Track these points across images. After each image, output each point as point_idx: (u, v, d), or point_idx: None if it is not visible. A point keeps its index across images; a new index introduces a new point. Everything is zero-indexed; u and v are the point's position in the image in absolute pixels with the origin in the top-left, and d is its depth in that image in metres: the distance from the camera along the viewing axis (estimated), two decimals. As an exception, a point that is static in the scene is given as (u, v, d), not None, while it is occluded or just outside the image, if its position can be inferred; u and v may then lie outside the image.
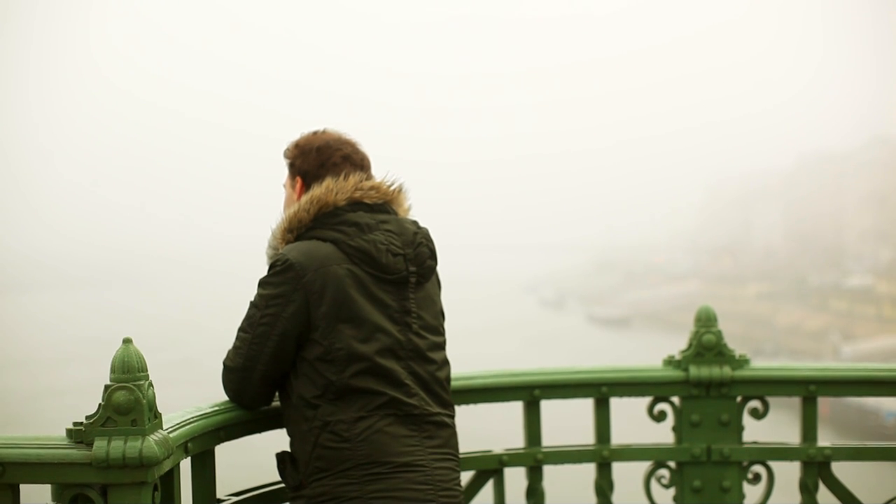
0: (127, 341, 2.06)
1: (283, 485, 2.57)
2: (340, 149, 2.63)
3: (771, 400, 2.97)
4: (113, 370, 2.02)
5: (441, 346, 2.57)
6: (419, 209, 2.68)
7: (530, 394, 2.90)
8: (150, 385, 2.06)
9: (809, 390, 2.93)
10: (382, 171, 2.65)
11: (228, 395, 2.53)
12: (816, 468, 2.93)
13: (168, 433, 2.11)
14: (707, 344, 2.93)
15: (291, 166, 2.68)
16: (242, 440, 2.58)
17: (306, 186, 2.62)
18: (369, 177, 2.63)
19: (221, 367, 2.52)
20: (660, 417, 2.95)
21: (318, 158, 2.62)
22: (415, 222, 2.61)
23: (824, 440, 2.97)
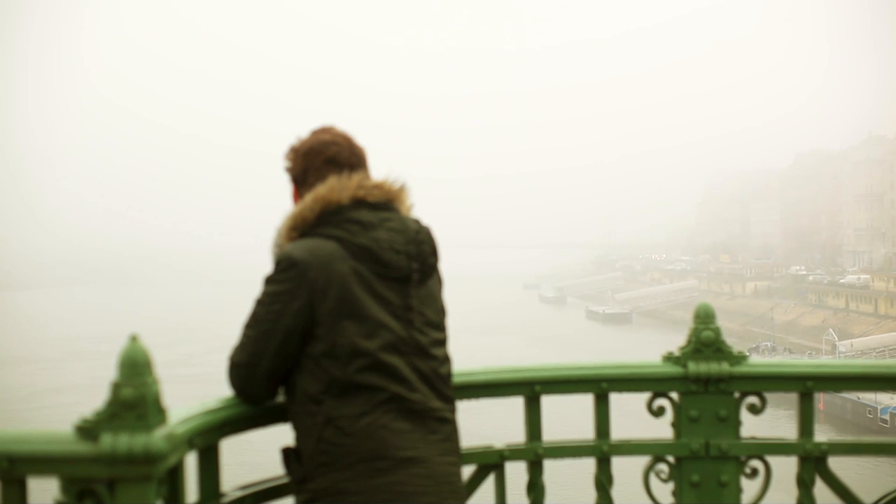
0: (133, 338, 2.08)
1: (287, 479, 2.59)
2: (323, 151, 2.63)
3: (768, 396, 2.99)
4: (119, 366, 2.05)
5: (443, 343, 2.60)
6: (422, 210, 2.70)
7: (531, 389, 2.91)
8: (156, 381, 2.08)
9: (806, 386, 2.94)
10: (384, 171, 2.68)
11: (233, 391, 2.55)
12: (813, 463, 2.94)
13: (174, 428, 2.13)
14: (706, 340, 2.94)
15: (286, 171, 2.71)
16: (241, 439, 2.60)
17: (299, 192, 2.65)
18: (367, 174, 2.65)
19: (227, 362, 2.55)
20: (659, 413, 2.95)
21: (303, 164, 2.65)
22: (417, 220, 2.63)
23: (821, 435, 2.99)
